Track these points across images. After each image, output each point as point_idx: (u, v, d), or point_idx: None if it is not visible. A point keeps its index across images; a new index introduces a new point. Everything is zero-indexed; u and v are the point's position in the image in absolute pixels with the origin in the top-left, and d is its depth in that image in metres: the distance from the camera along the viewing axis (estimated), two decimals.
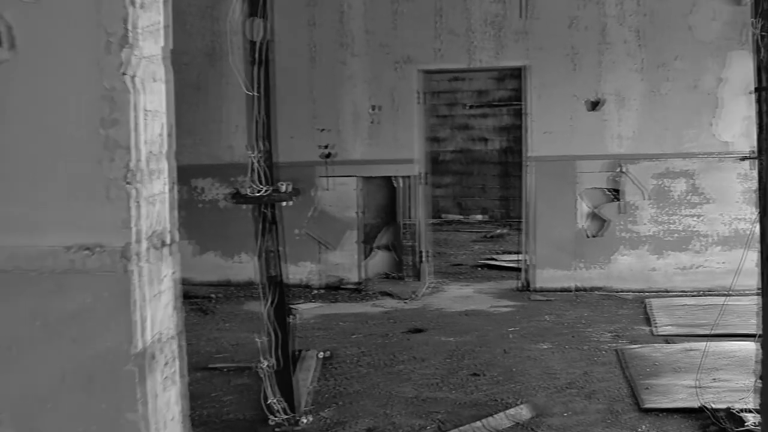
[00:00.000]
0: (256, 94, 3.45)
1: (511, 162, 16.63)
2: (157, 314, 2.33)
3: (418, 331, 7.41)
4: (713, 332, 6.97)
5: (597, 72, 8.81)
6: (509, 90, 16.51)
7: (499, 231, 14.61)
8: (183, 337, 2.57)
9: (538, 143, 8.98)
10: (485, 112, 16.69)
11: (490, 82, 16.56)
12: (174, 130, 2.43)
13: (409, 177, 9.38)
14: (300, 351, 6.29)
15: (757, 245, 8.53)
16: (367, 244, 9.65)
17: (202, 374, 6.14)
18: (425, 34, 9.13)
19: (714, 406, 5.04)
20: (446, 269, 10.87)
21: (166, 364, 2.35)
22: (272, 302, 4.14)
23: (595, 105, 8.83)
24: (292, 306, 8.70)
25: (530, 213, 9.10)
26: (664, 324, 7.31)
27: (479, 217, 16.88)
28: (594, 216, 8.95)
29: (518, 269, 9.98)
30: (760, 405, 4.52)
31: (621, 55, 8.76)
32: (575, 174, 8.92)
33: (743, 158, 4.70)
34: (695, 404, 5.12)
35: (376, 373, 6.07)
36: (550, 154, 8.95)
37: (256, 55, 3.27)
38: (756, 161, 4.75)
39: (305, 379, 5.66)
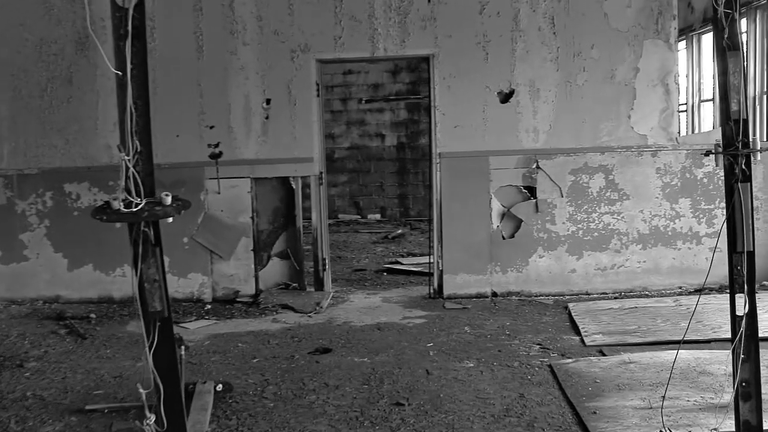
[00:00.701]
0: (121, 73, 2.55)
1: (408, 158, 16.04)
2: None
3: (327, 351, 6.60)
4: (646, 341, 6.49)
5: (510, 61, 8.21)
6: (405, 84, 15.89)
7: (399, 231, 13.95)
8: None
9: (447, 138, 8.31)
10: (381, 106, 16.02)
11: (386, 76, 15.89)
12: None
13: (307, 177, 8.56)
14: (193, 385, 5.38)
15: (671, 243, 8.10)
16: (263, 251, 8.77)
17: (78, 418, 5.16)
18: (324, 20, 8.32)
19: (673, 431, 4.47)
20: (349, 275, 10.10)
21: None
22: (156, 345, 3.25)
23: (508, 97, 8.24)
24: (182, 325, 7.77)
25: (440, 214, 8.41)
26: (593, 332, 6.75)
27: (377, 216, 16.20)
28: (509, 216, 8.36)
29: (426, 273, 9.32)
30: None
31: (535, 43, 8.19)
32: (488, 171, 8.31)
33: (707, 153, 4.13)
34: (653, 431, 4.54)
35: (285, 407, 5.23)
36: (461, 150, 8.30)
37: (128, 26, 2.38)
38: (720, 156, 4.18)
39: (201, 422, 4.77)
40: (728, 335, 6.51)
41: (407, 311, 7.96)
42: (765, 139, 9.50)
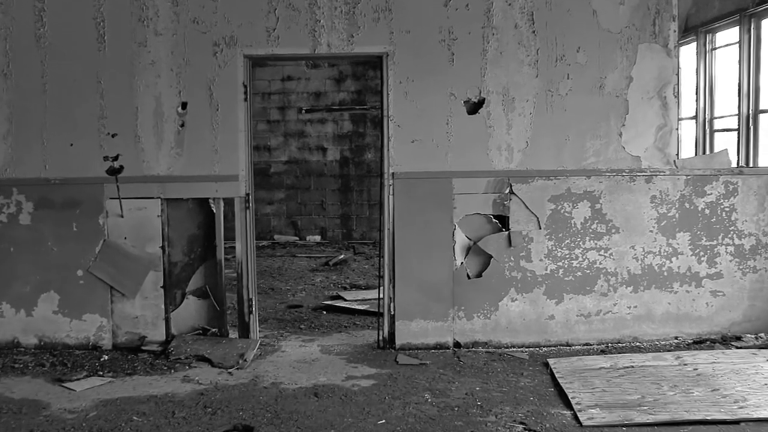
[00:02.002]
0: None
1: (352, 175, 14.57)
2: None
3: (248, 430, 5.06)
4: (657, 419, 5.09)
5: (480, 64, 6.81)
6: (350, 92, 14.43)
7: (341, 256, 12.45)
8: None
9: (402, 155, 6.86)
10: (323, 117, 14.52)
11: (329, 83, 14.41)
12: None
13: (231, 199, 7.00)
14: None
15: (667, 285, 6.78)
16: (176, 288, 7.18)
17: None
18: (255, 8, 6.80)
19: None
20: (282, 314, 8.56)
21: None
22: None
23: (477, 106, 6.83)
24: (66, 384, 6.11)
25: (392, 246, 6.95)
26: (587, 404, 5.34)
27: (317, 238, 14.67)
28: (476, 250, 6.93)
29: (373, 313, 7.87)
30: None
31: (510, 43, 6.80)
32: (451, 196, 6.88)
33: None
34: None
35: None
36: (419, 169, 6.86)
37: None
38: None
39: None
40: (761, 413, 5.21)
41: (352, 368, 6.45)
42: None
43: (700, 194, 6.96)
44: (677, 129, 6.97)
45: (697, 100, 10.00)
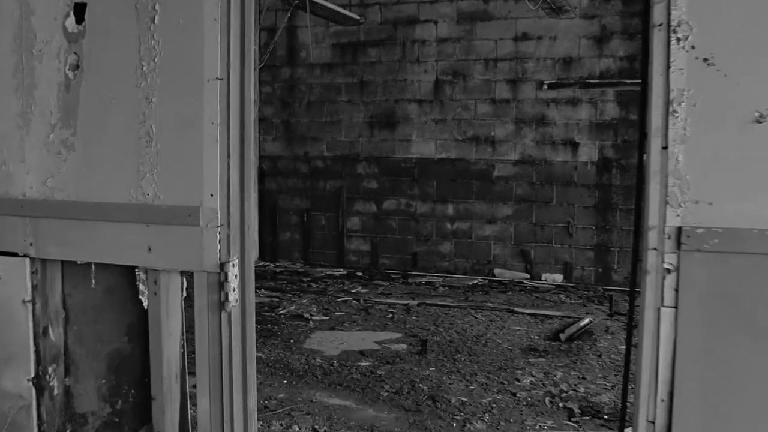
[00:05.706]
0: None
1: (616, 185, 9.48)
2: None
3: None
4: None
5: None
6: (618, 59, 9.32)
7: (585, 321, 7.51)
8: None
9: (719, 169, 1.96)
10: (574, 95, 9.56)
11: (585, 45, 9.42)
12: None
13: (189, 274, 2.50)
14: None
15: None
16: None
17: None
18: None
19: None
20: None
21: None
22: None
23: None
24: None
25: None
26: None
27: (557, 278, 9.76)
28: None
29: None
30: None
31: None
32: None
33: None
34: None
35: None
36: None
37: None
38: None
39: None
40: None
41: None
42: None
43: None
44: None
45: None
